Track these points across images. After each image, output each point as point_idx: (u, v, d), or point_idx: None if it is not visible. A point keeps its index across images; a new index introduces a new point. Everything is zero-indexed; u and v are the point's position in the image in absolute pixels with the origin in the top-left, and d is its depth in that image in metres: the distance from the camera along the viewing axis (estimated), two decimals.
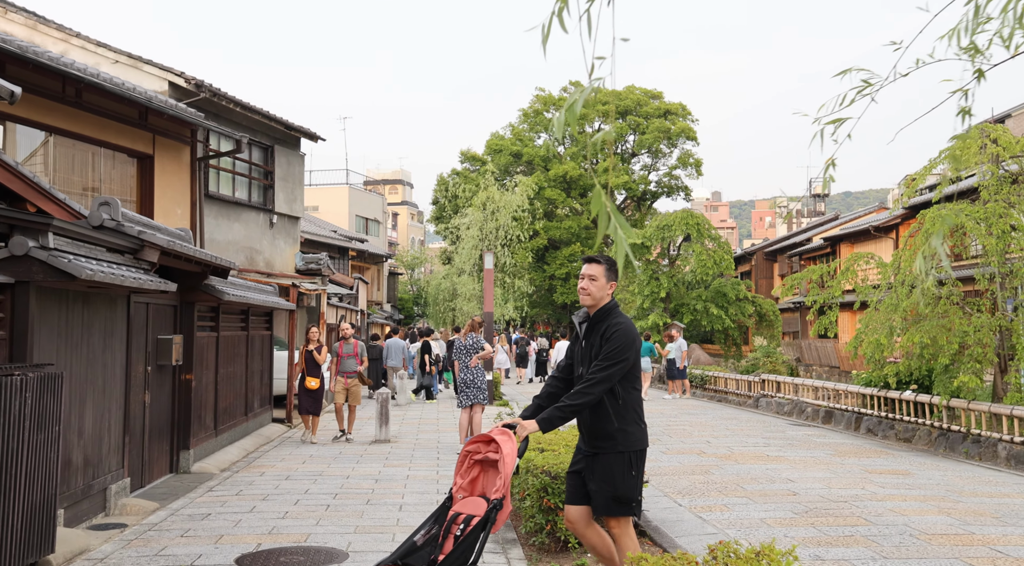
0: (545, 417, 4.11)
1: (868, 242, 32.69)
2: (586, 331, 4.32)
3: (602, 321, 4.25)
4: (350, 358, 12.39)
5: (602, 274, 4.28)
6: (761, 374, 18.85)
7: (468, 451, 4.04)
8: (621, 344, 4.13)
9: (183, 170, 13.81)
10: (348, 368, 12.32)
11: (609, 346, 4.13)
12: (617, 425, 4.15)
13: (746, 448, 11.41)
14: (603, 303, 4.30)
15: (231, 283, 10.60)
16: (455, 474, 4.02)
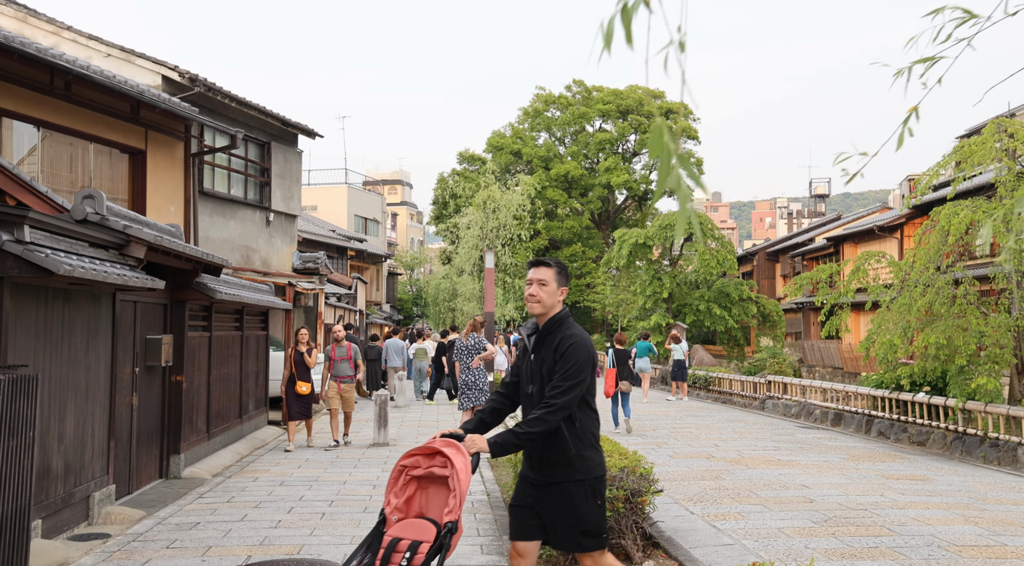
0: (499, 441, 3.54)
1: (872, 242, 32.34)
2: (535, 344, 3.81)
3: (554, 333, 3.76)
4: (343, 362, 11.75)
5: (552, 279, 3.79)
6: (767, 375, 18.50)
7: (404, 465, 3.51)
8: (579, 361, 3.64)
9: (176, 166, 13.46)
10: (341, 372, 11.71)
11: (565, 364, 3.63)
12: (574, 451, 3.67)
13: (756, 452, 11.06)
14: (554, 312, 3.80)
15: (224, 281, 10.25)
16: (387, 491, 3.49)
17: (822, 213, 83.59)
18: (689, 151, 42.44)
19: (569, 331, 3.73)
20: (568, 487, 3.68)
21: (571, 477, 3.67)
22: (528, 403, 3.80)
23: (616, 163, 41.37)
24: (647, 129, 41.76)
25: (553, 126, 45.14)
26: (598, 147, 42.47)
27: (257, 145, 16.74)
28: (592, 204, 42.55)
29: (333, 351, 11.81)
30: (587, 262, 40.87)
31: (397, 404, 18.23)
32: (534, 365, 3.77)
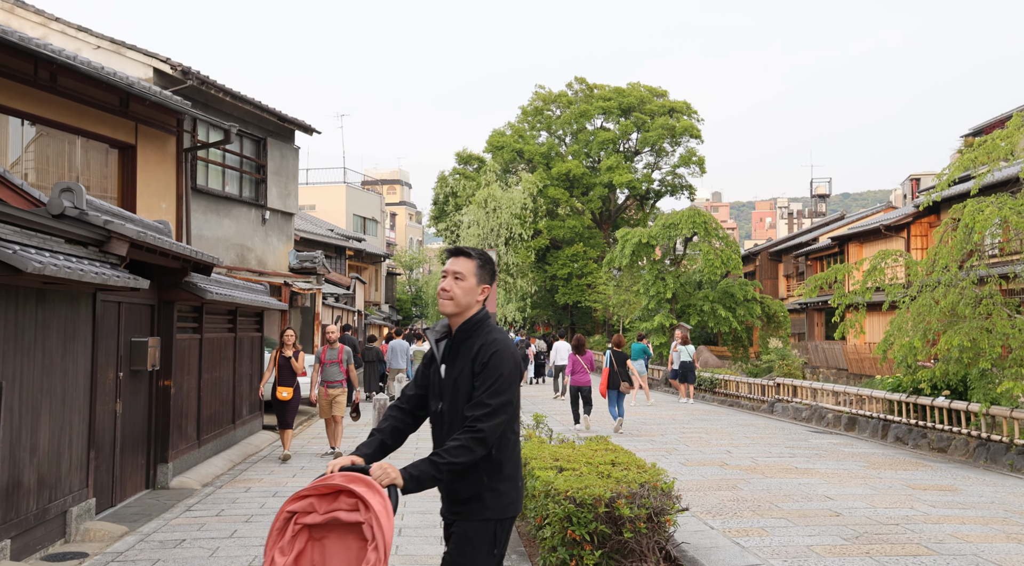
0: (415, 474, 2.89)
1: (878, 241, 31.89)
2: (447, 351, 3.21)
3: (471, 338, 3.15)
4: (333, 365, 10.82)
5: (472, 273, 3.19)
6: (776, 378, 18.05)
7: (292, 511, 2.73)
8: (505, 373, 3.04)
9: (168, 161, 13.00)
10: (332, 376, 10.79)
11: (490, 378, 3.02)
12: (487, 482, 3.06)
13: (771, 459, 10.61)
14: (471, 313, 3.19)
15: (215, 281, 9.79)
16: (268, 547, 2.70)
17: (823, 213, 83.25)
18: (692, 150, 42.04)
19: (491, 336, 3.13)
20: (471, 526, 3.07)
21: (478, 515, 3.06)
22: (438, 422, 3.18)
23: (618, 162, 40.91)
24: (650, 127, 41.33)
25: (554, 125, 44.69)
26: (600, 146, 42.01)
27: (253, 141, 16.29)
28: (593, 203, 42.10)
29: (323, 354, 10.90)
30: (588, 262, 40.42)
31: None
32: (446, 378, 3.16)
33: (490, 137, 44.74)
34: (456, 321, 3.19)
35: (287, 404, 10.43)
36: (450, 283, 3.17)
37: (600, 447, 6.96)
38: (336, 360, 10.85)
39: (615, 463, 6.08)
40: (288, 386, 10.38)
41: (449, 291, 3.16)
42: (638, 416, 16.47)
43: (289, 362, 10.45)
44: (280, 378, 10.39)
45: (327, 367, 10.83)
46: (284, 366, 10.41)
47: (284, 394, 10.33)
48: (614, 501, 4.93)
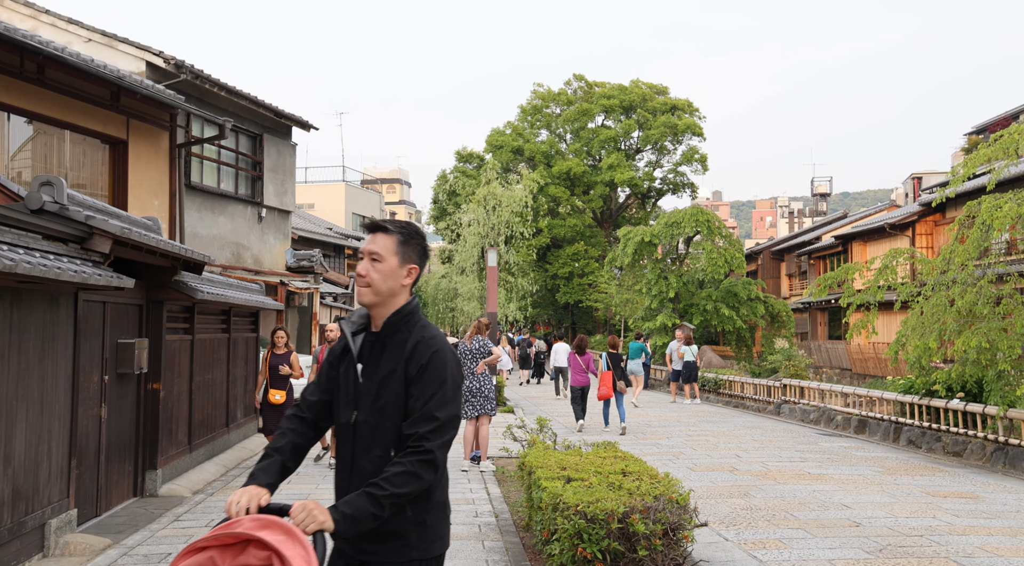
0: (349, 513, 2.28)
1: (883, 240, 31.56)
2: (368, 350, 2.58)
3: (400, 333, 2.54)
4: None
5: (392, 251, 2.56)
6: (782, 378, 17.71)
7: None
8: (451, 378, 2.48)
9: (161, 157, 12.66)
10: None
11: (431, 383, 2.44)
12: (412, 514, 2.46)
13: (782, 463, 10.27)
14: (398, 302, 2.58)
15: (208, 280, 9.45)
16: None
17: (824, 212, 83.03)
18: (694, 147, 41.68)
19: (426, 333, 2.53)
20: None
21: (399, 556, 2.44)
22: (348, 437, 2.53)
23: (619, 160, 40.54)
24: (652, 125, 40.97)
25: (553, 123, 44.33)
26: (601, 144, 41.65)
27: (249, 137, 15.94)
28: (594, 202, 41.74)
29: (322, 354, 9.99)
30: (590, 261, 40.08)
31: None
32: (364, 381, 2.53)
33: (489, 136, 44.40)
34: (379, 313, 2.57)
35: (280, 408, 9.75)
36: (366, 266, 2.54)
37: (609, 454, 6.63)
38: None
39: (626, 472, 5.75)
40: (281, 389, 9.76)
41: (366, 276, 2.54)
42: (642, 418, 16.14)
43: (282, 361, 9.79)
44: (272, 380, 9.75)
45: None
46: (277, 368, 9.80)
47: (277, 397, 9.70)
48: (628, 516, 4.59)
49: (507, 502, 8.05)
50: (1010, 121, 37.28)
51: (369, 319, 2.62)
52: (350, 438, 2.53)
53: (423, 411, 2.41)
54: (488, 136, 44.44)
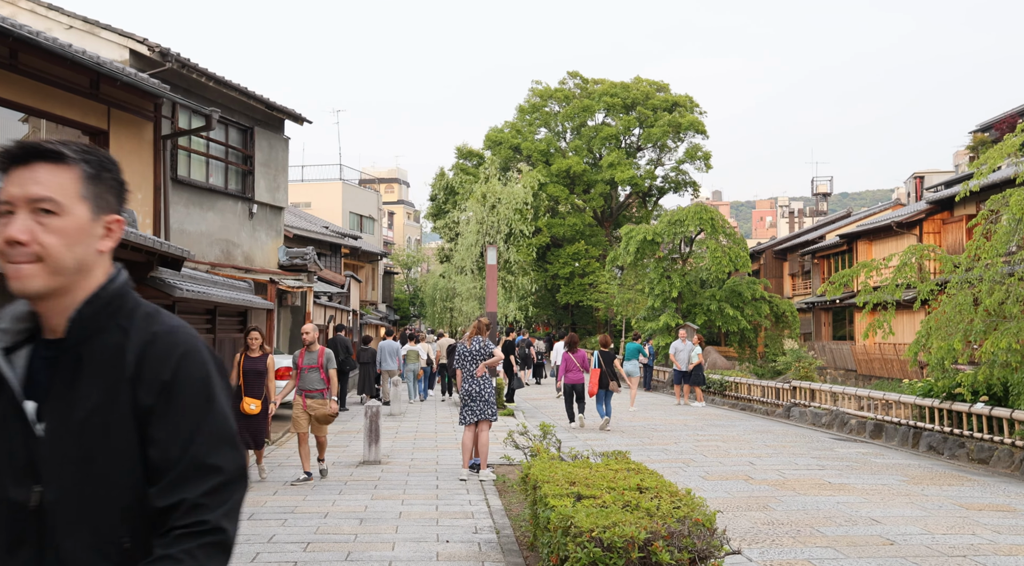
0: None
1: (889, 239, 31.02)
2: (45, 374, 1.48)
3: (104, 333, 1.49)
4: (312, 371, 9.06)
5: (73, 193, 1.47)
6: (791, 380, 17.14)
7: None
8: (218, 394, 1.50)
9: (144, 149, 12.09)
10: (309, 385, 9.05)
11: (187, 410, 1.45)
12: None
13: (799, 471, 9.70)
14: (91, 284, 1.50)
15: (189, 277, 8.88)
16: None
17: (824, 212, 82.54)
18: (696, 145, 41.10)
19: (158, 325, 1.51)
20: None
21: None
22: (26, 530, 1.44)
23: (620, 158, 39.95)
24: (653, 123, 40.40)
25: (552, 121, 43.76)
26: (602, 142, 41.08)
27: (239, 130, 15.37)
28: (595, 201, 41.17)
29: (301, 358, 9.16)
30: (590, 261, 39.51)
31: (392, 411, 16.87)
32: (45, 433, 1.45)
33: (487, 134, 43.84)
34: (58, 306, 1.49)
35: (255, 420, 8.63)
36: (27, 225, 1.44)
37: (621, 466, 6.06)
38: (315, 365, 9.09)
39: (642, 488, 5.18)
40: (255, 397, 8.62)
41: (29, 244, 1.44)
42: (647, 421, 15.57)
43: (257, 367, 8.69)
44: (246, 387, 8.58)
45: (305, 373, 9.09)
46: (251, 372, 8.64)
47: (252, 407, 8.52)
48: (650, 543, 4.02)
49: (509, 516, 7.47)
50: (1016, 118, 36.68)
51: (36, 320, 1.52)
52: (32, 532, 1.44)
53: (187, 461, 1.43)
54: (487, 133, 43.89)
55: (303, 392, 9.04)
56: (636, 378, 18.40)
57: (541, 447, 7.47)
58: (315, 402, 9.09)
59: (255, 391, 8.64)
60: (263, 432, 8.94)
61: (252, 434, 8.64)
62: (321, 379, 9.09)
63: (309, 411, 9.06)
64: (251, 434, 8.62)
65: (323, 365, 9.16)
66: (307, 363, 9.08)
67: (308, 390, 9.04)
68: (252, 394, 8.61)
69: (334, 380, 9.19)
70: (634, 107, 41.34)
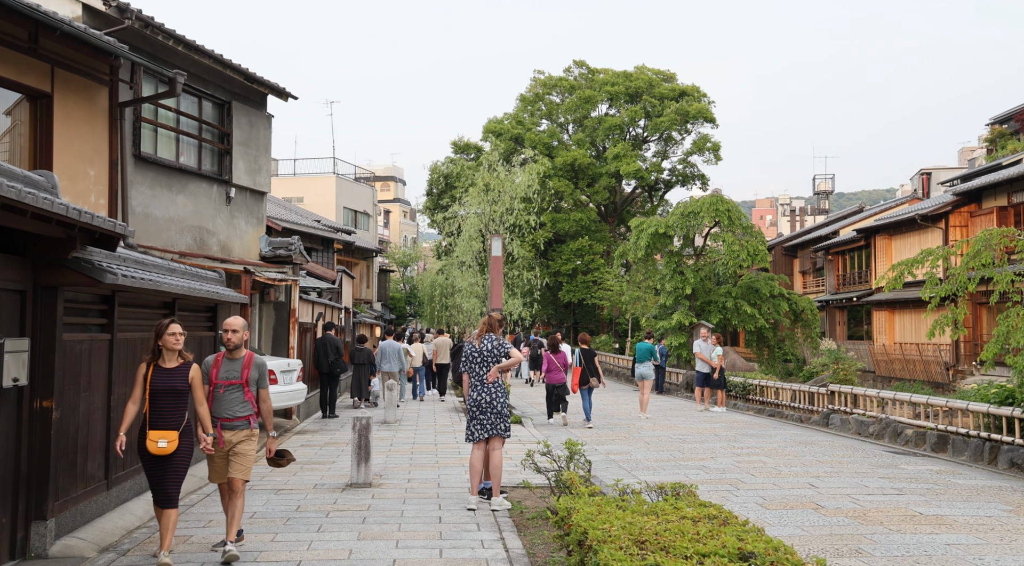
0: None
1: (911, 233, 29.45)
2: None
3: None
4: (233, 389, 6.13)
5: None
6: (829, 384, 15.50)
7: None
8: None
9: (98, 118, 10.42)
10: (228, 409, 6.10)
11: None
12: None
13: (874, 497, 8.06)
14: None
15: (134, 261, 7.21)
16: None
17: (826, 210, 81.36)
18: (705, 136, 39.42)
19: None
20: None
21: None
22: None
23: (626, 149, 38.22)
24: (660, 112, 38.72)
25: (555, 112, 42.06)
26: (606, 133, 39.39)
27: (215, 104, 13.69)
28: (599, 195, 39.48)
29: (215, 369, 6.16)
30: (595, 257, 37.83)
31: (386, 419, 15.21)
32: None
33: (487, 124, 42.16)
34: None
35: (168, 462, 5.70)
36: None
37: (696, 511, 4.43)
38: (237, 379, 6.15)
39: (745, 554, 3.54)
40: (169, 429, 5.68)
41: None
42: (672, 431, 13.94)
43: (173, 383, 5.76)
44: (153, 414, 5.69)
45: (221, 393, 6.12)
46: (162, 392, 5.71)
47: (162, 444, 5.62)
48: None
49: (531, 558, 5.83)
50: None
51: None
52: None
53: None
54: (485, 125, 42.21)
55: (220, 421, 6.09)
56: (649, 382, 16.63)
57: (575, 477, 5.81)
58: (239, 435, 6.11)
59: (169, 419, 5.70)
60: (180, 478, 5.80)
61: (164, 486, 5.70)
62: (246, 401, 6.16)
63: (227, 449, 6.11)
64: (162, 486, 5.70)
65: (249, 381, 6.18)
66: (225, 377, 6.13)
67: (226, 418, 6.09)
68: (164, 424, 5.67)
69: (266, 408, 6.29)
70: (639, 96, 39.64)
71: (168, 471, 5.73)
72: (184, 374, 5.85)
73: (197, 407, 5.95)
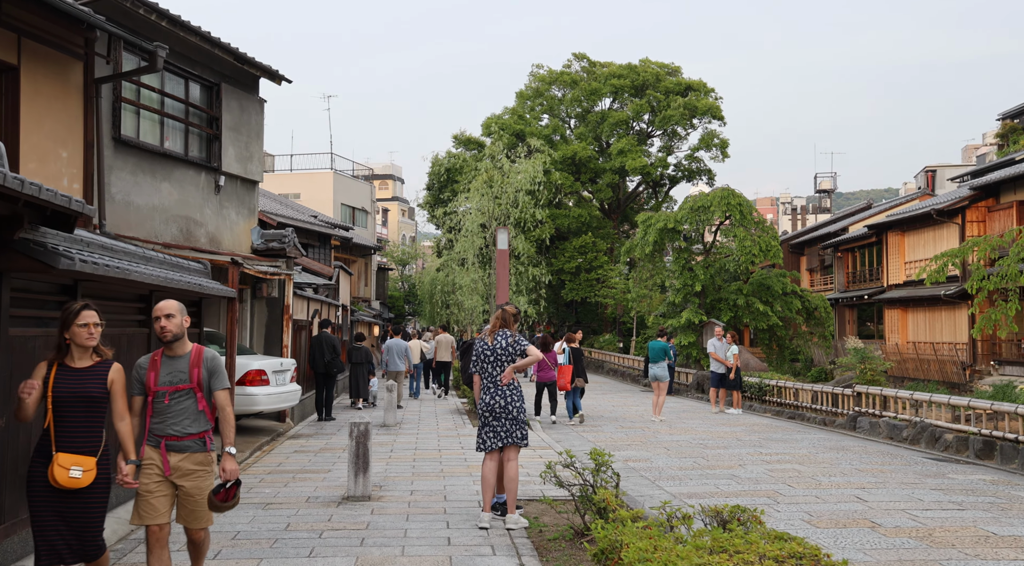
0: None
1: (926, 229, 28.61)
2: None
3: None
4: (181, 397, 4.51)
5: None
6: (856, 385, 14.64)
7: None
8: None
9: (71, 94, 9.54)
10: (173, 425, 4.49)
11: None
12: None
13: (933, 513, 7.20)
14: None
15: (100, 246, 6.35)
16: None
17: (828, 208, 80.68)
18: (713, 131, 38.54)
19: None
20: None
21: None
22: None
23: (631, 144, 37.30)
24: (666, 106, 37.82)
25: (557, 107, 41.13)
26: (611, 128, 38.47)
27: (203, 86, 12.82)
28: (603, 191, 38.57)
29: (152, 373, 4.52)
30: (598, 254, 36.94)
31: (385, 421, 14.33)
32: None
33: (487, 120, 41.26)
34: None
35: (82, 498, 4.23)
36: None
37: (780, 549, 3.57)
38: (186, 383, 4.52)
39: None
40: (84, 452, 4.22)
41: None
42: (692, 435, 13.08)
43: (87, 388, 4.28)
44: (59, 433, 4.19)
45: (166, 405, 4.48)
46: (69, 400, 4.23)
47: (75, 473, 4.14)
48: None
49: None
50: None
51: None
52: None
53: None
54: (485, 120, 41.32)
55: (163, 439, 4.46)
56: (665, 383, 15.78)
57: (610, 496, 4.94)
58: (187, 461, 4.49)
59: (82, 439, 4.22)
60: (99, 519, 4.32)
61: (80, 534, 4.20)
62: (200, 413, 4.54)
63: (174, 479, 4.47)
64: (78, 534, 4.20)
65: (200, 382, 4.55)
66: (167, 381, 4.49)
67: (174, 436, 4.47)
68: (77, 445, 4.19)
69: (226, 417, 4.60)
70: (644, 90, 38.73)
71: (85, 512, 4.18)
72: (101, 376, 4.30)
73: (116, 422, 4.35)
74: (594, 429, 13.84)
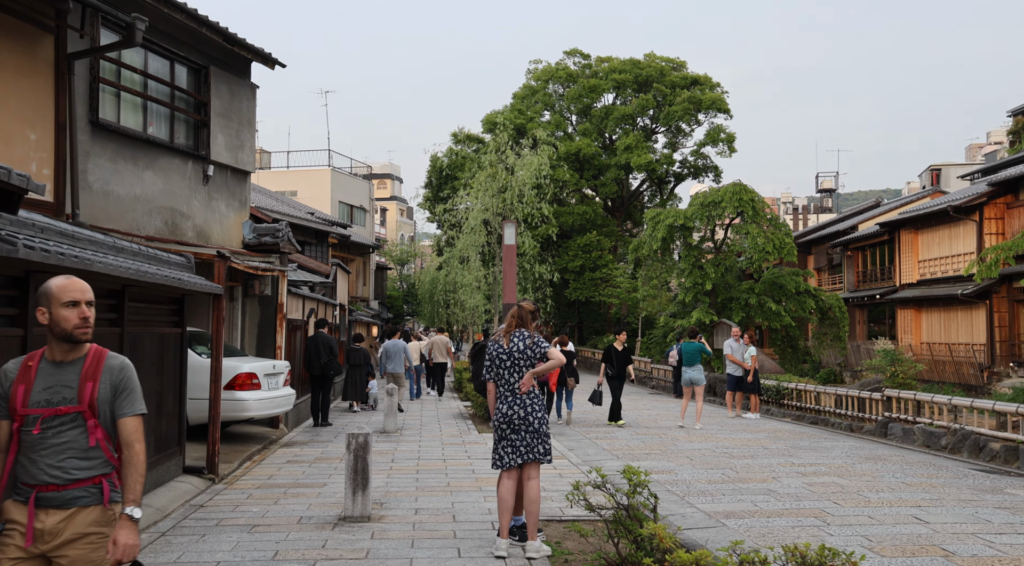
0: None
1: (941, 226, 27.80)
2: None
3: None
4: (61, 426, 2.93)
5: None
6: (886, 389, 13.80)
7: None
8: None
9: (41, 71, 8.68)
10: (53, 470, 2.92)
11: None
12: None
13: (1008, 537, 6.36)
14: None
15: (58, 233, 5.49)
16: None
17: (829, 208, 79.92)
18: (719, 126, 37.69)
19: None
20: None
21: None
22: None
23: (637, 140, 36.42)
24: (672, 101, 36.97)
25: (557, 103, 40.23)
26: (616, 123, 37.61)
27: (190, 69, 11.96)
28: (607, 188, 37.69)
29: (22, 386, 2.95)
30: (603, 253, 36.08)
31: (385, 428, 13.46)
32: None
33: (487, 116, 40.40)
34: None
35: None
36: None
37: None
38: (72, 405, 2.97)
39: None
40: None
41: None
42: (712, 442, 12.23)
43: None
44: None
45: (35, 436, 2.92)
46: None
47: None
48: None
49: None
50: None
51: None
52: None
53: None
54: (485, 117, 40.45)
55: (32, 490, 2.94)
56: (702, 388, 14.56)
57: (662, 532, 4.08)
58: (72, 523, 2.95)
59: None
60: None
61: None
62: (91, 450, 2.98)
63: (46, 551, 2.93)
64: None
65: (94, 403, 2.99)
66: (43, 401, 2.96)
67: (47, 485, 2.94)
68: None
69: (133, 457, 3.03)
70: (649, 85, 37.87)
71: None
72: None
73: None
74: (608, 436, 13.00)
